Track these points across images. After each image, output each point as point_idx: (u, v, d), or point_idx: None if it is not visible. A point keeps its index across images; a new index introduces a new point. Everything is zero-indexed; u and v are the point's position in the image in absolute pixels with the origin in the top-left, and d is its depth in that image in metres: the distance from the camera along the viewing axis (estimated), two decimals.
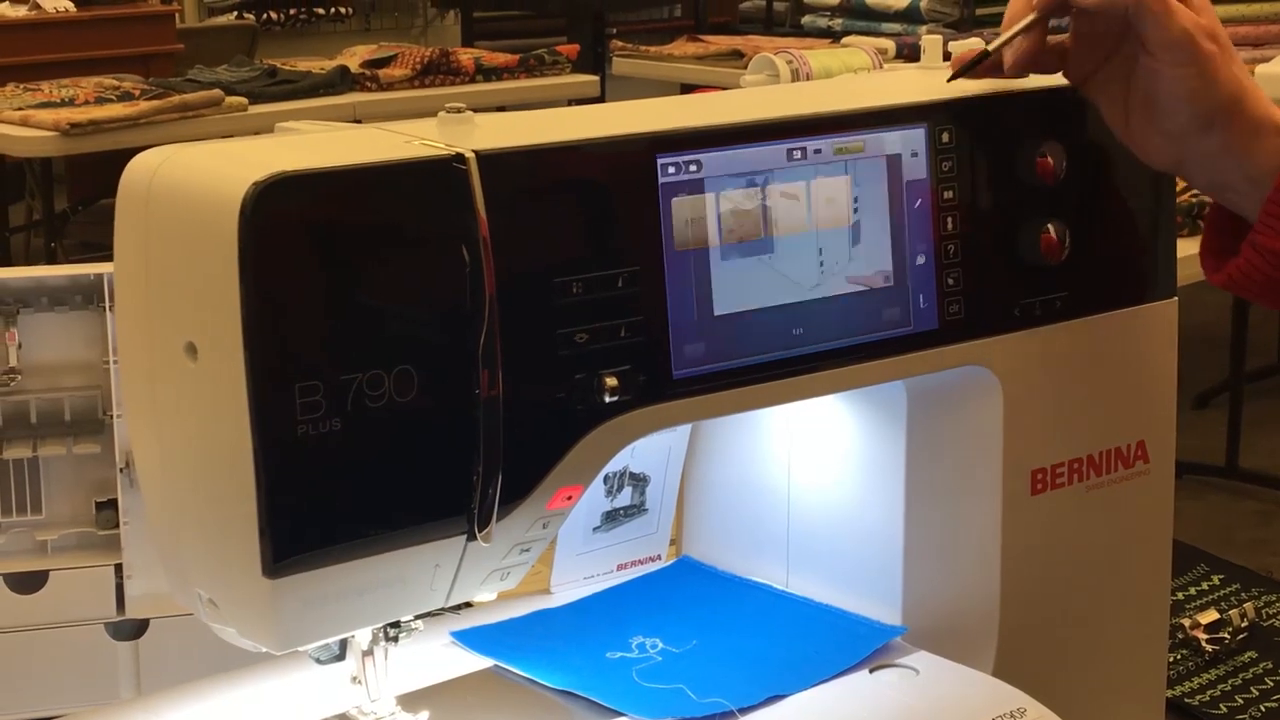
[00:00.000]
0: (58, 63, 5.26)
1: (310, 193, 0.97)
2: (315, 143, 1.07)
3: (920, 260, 1.19)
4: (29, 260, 5.79)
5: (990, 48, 1.19)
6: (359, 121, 3.88)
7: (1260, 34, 5.08)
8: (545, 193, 1.05)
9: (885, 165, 1.17)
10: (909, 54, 4.50)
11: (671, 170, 1.09)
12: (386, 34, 8.30)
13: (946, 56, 1.33)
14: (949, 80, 1.21)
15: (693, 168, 1.09)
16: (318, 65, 5.02)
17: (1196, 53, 1.14)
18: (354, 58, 5.04)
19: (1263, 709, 1.56)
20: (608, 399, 1.06)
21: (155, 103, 4.28)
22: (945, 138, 1.19)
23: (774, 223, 1.13)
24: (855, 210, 1.16)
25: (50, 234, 4.93)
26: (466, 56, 5.15)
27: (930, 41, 1.31)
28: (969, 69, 1.21)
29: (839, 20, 5.84)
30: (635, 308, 1.07)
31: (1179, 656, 1.64)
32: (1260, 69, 3.88)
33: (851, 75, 1.76)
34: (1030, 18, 1.18)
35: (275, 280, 0.96)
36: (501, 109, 4.61)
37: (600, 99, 5.33)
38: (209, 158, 1.01)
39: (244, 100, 4.47)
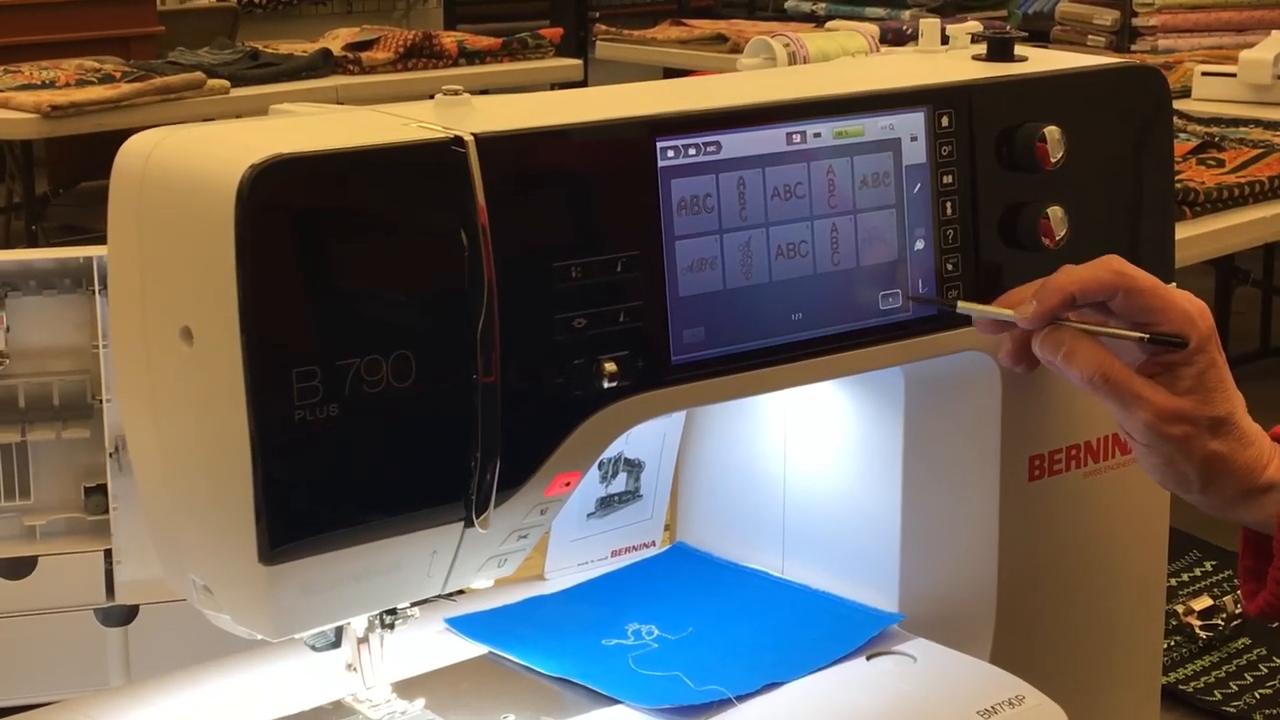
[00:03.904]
0: (38, 44, 5.23)
1: (307, 176, 0.96)
2: (311, 125, 1.06)
3: (919, 245, 1.18)
4: (9, 244, 5.76)
5: (961, 306, 1.18)
6: (341, 105, 3.85)
7: (1243, 19, 5.08)
8: (544, 176, 1.04)
9: (884, 149, 1.16)
10: (894, 39, 4.48)
11: (671, 154, 1.08)
12: (369, 17, 8.26)
13: (945, 39, 1.32)
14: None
15: (692, 151, 1.08)
16: (300, 48, 4.99)
17: (1158, 440, 1.15)
18: (336, 40, 5.01)
19: (1257, 696, 1.55)
20: (606, 385, 1.05)
21: (136, 85, 4.25)
22: (945, 122, 1.18)
23: (773, 207, 1.12)
24: (854, 195, 1.15)
25: (30, 217, 4.90)
26: (449, 40, 5.13)
27: (928, 24, 1.30)
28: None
29: (823, 4, 5.83)
30: (634, 293, 1.06)
31: (1173, 643, 1.64)
32: (1244, 55, 3.88)
33: (849, 58, 1.75)
34: (1008, 313, 1.16)
35: (272, 264, 0.94)
36: (484, 93, 4.57)
37: (583, 83, 5.31)
38: (204, 140, 1.00)
39: (226, 83, 4.45)
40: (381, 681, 1.14)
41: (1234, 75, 3.80)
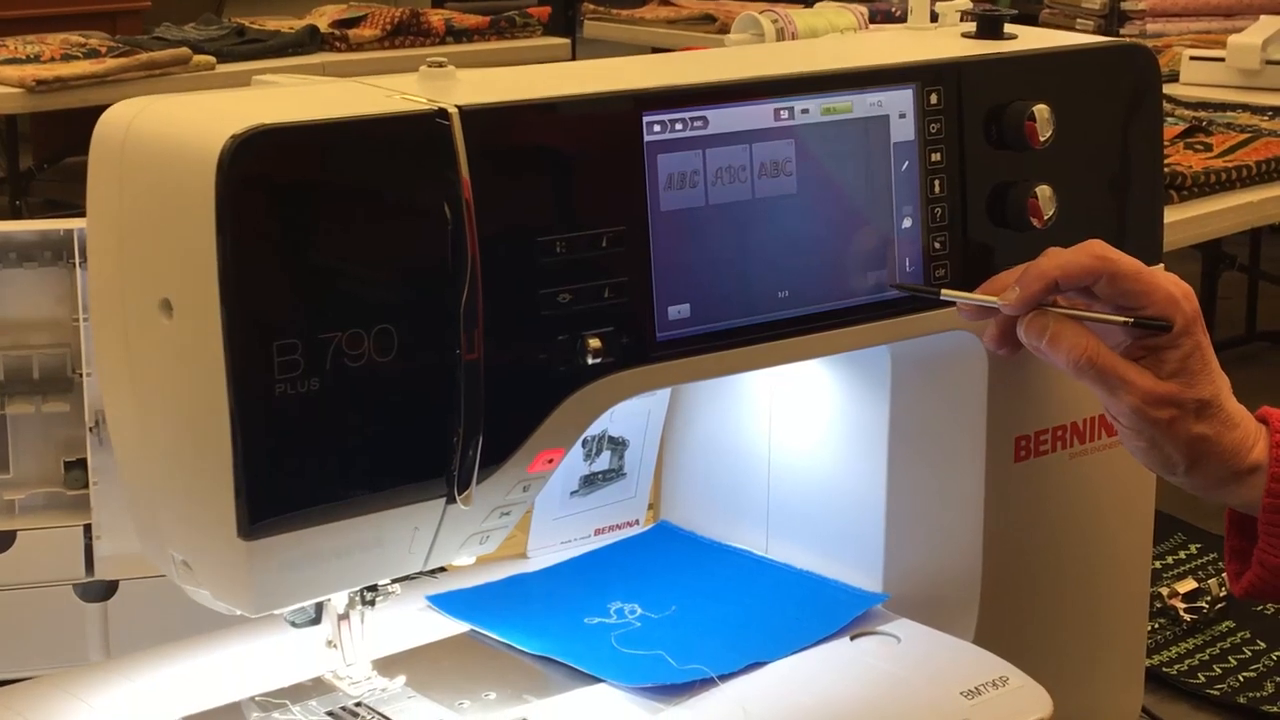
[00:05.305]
0: (23, 18, 5.20)
1: (289, 147, 0.95)
2: (294, 96, 1.05)
3: (906, 223, 1.17)
4: None
5: (944, 294, 1.17)
6: None
7: (1232, 4, 5.07)
8: (529, 150, 1.03)
9: (873, 126, 1.15)
10: (882, 19, 4.47)
11: (657, 129, 1.07)
12: None
13: (934, 17, 1.31)
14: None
15: (678, 126, 1.08)
16: (286, 24, 4.97)
17: (1143, 424, 1.14)
18: (323, 17, 4.98)
19: (1240, 679, 1.55)
20: (590, 361, 1.04)
21: (122, 60, 4.23)
22: (933, 99, 1.17)
23: (759, 184, 1.11)
24: (842, 172, 1.14)
25: (15, 192, 4.88)
26: (437, 17, 5.10)
27: (917, 1, 1.29)
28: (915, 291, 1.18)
29: None
30: (619, 268, 1.05)
31: (1157, 626, 1.64)
32: (1233, 39, 3.87)
33: (838, 35, 1.74)
34: (992, 299, 1.16)
35: (253, 236, 0.93)
36: None
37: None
38: (185, 110, 0.99)
39: (211, 59, 4.42)
40: (362, 658, 1.13)
41: (1222, 60, 3.79)
